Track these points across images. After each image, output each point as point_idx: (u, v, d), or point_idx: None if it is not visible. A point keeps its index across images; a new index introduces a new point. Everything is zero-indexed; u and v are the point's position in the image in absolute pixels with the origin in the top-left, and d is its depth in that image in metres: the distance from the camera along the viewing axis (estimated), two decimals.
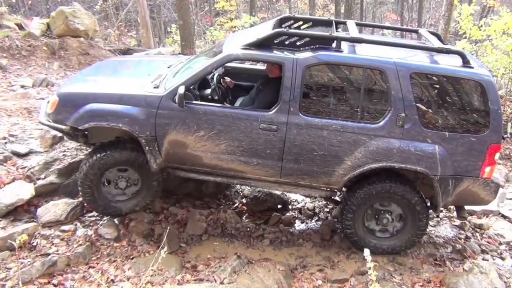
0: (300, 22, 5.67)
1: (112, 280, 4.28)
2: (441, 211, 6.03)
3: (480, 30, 9.90)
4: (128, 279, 4.32)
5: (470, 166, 4.59)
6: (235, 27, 15.72)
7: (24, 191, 5.10)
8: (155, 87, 4.82)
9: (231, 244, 5.14)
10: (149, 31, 12.36)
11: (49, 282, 4.15)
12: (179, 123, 4.64)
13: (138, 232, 5.04)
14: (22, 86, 8.51)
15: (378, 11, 25.72)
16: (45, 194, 5.31)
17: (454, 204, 5.02)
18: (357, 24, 5.56)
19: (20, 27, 10.88)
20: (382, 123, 4.52)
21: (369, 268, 2.91)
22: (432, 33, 5.48)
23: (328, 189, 4.90)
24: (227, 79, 5.63)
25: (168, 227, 4.88)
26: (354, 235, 4.92)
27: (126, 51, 11.87)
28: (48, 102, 5.13)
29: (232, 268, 4.47)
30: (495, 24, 9.21)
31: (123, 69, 5.93)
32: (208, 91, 5.23)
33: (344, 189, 5.08)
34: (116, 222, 5.11)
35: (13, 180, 5.33)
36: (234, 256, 4.67)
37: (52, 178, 5.42)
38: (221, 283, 4.29)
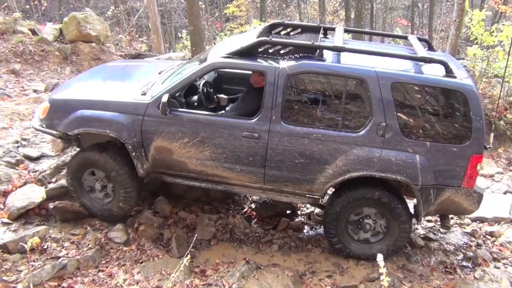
0: (290, 29, 5.69)
1: (121, 284, 4.30)
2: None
3: (491, 35, 9.81)
4: (137, 283, 4.34)
5: (452, 176, 4.55)
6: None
7: (35, 194, 5.16)
8: (142, 94, 4.92)
9: (240, 249, 5.14)
10: (159, 37, 12.45)
11: (59, 285, 4.19)
12: (164, 130, 4.74)
13: (148, 236, 5.07)
14: (35, 91, 8.61)
15: (388, 17, 25.63)
16: (56, 197, 5.35)
17: (438, 213, 5.01)
18: (346, 31, 5.57)
19: (33, 32, 11.01)
20: (363, 132, 4.52)
21: (381, 274, 2.88)
22: (421, 39, 5.45)
23: (311, 196, 4.92)
24: (221, 96, 5.61)
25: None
26: (337, 242, 4.92)
27: (137, 56, 11.96)
28: (41, 108, 5.27)
29: (241, 273, 4.46)
30: (507, 29, 9.12)
31: (115, 75, 6.07)
32: (195, 98, 5.30)
33: (328, 194, 5.07)
34: (126, 225, 5.14)
35: (25, 183, 5.39)
36: (242, 261, 4.67)
37: (63, 182, 5.45)
38: None
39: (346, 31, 5.55)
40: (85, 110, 4.88)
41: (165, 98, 4.56)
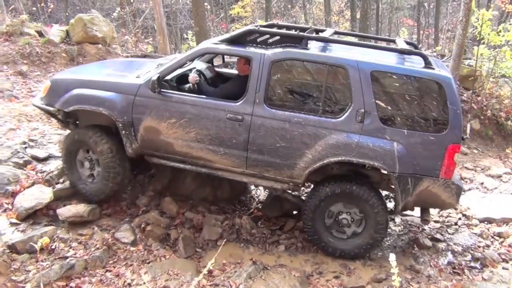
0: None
1: (129, 284, 4.31)
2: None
3: (498, 35, 9.77)
4: (144, 283, 4.34)
5: (430, 165, 4.61)
6: None
7: (43, 195, 5.18)
8: (137, 77, 5.19)
9: (247, 249, 5.14)
10: (165, 38, 12.46)
11: (67, 285, 4.20)
12: (153, 109, 4.95)
13: (154, 237, 5.08)
14: None
15: (394, 17, 25.55)
16: (63, 198, 5.38)
17: (416, 205, 5.02)
18: (336, 33, 5.89)
19: (40, 34, 11.08)
20: (342, 118, 4.65)
21: (391, 274, 2.87)
22: (408, 43, 5.67)
23: (292, 183, 5.00)
24: (192, 75, 5.53)
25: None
26: (314, 234, 4.99)
27: (143, 57, 12.01)
28: (42, 87, 5.62)
29: (248, 273, 4.46)
30: None
31: (115, 65, 6.48)
32: (187, 85, 5.47)
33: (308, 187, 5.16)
34: (133, 226, 5.15)
35: (33, 184, 5.42)
36: (249, 262, 4.67)
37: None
38: None
39: (336, 33, 5.89)
40: (81, 89, 5.16)
41: (155, 77, 4.83)
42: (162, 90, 4.92)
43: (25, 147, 6.13)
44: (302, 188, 5.82)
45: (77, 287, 4.20)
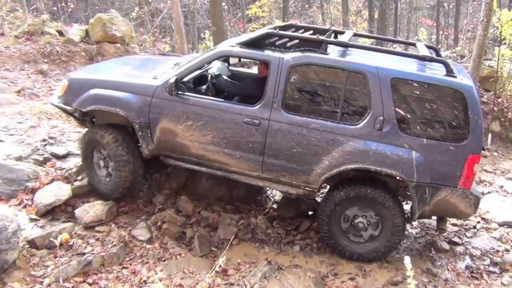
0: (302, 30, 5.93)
1: (145, 281, 4.35)
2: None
3: None
4: (160, 280, 4.38)
5: (448, 175, 4.53)
6: None
7: (62, 191, 5.26)
8: (154, 78, 5.16)
9: (262, 249, 5.14)
10: (183, 37, 12.53)
11: (84, 281, 4.25)
12: (170, 112, 4.95)
13: (170, 235, 5.12)
14: None
15: (413, 17, 25.27)
16: (81, 195, 5.46)
17: (433, 214, 4.95)
18: (355, 35, 5.81)
19: (60, 33, 11.25)
20: (360, 125, 4.59)
21: (407, 277, 2.84)
22: (429, 47, 5.55)
23: (307, 189, 4.97)
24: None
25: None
26: (330, 238, 4.96)
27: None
28: (60, 86, 5.69)
29: (263, 273, 4.46)
30: None
31: (133, 63, 6.47)
32: (204, 87, 5.49)
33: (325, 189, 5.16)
34: (149, 223, 5.20)
35: (52, 180, 5.50)
36: (264, 262, 4.67)
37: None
38: None
39: (355, 35, 5.82)
40: (99, 89, 5.18)
41: (172, 79, 4.84)
42: (179, 92, 4.92)
43: (45, 145, 6.23)
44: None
45: (94, 283, 4.25)
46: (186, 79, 5.24)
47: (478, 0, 20.55)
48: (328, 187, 5.38)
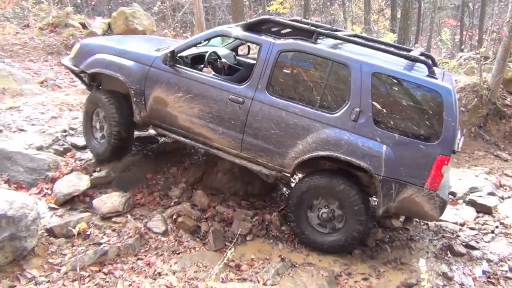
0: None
1: (159, 273, 4.40)
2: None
3: None
4: (174, 273, 4.43)
5: (416, 173, 4.52)
6: None
7: (80, 182, 5.36)
8: (156, 50, 5.51)
9: (275, 246, 5.14)
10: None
11: (100, 271, 4.32)
12: (164, 82, 5.24)
13: (185, 228, 5.16)
14: None
15: (436, 17, 24.84)
16: (99, 186, 5.55)
17: (398, 212, 4.93)
18: (355, 36, 5.84)
19: (84, 26, 11.44)
20: (337, 114, 4.69)
21: (421, 280, 2.82)
22: (425, 54, 5.57)
23: (281, 172, 5.08)
24: (207, 69, 5.81)
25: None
26: (296, 224, 5.07)
27: None
28: (73, 48, 6.14)
29: (276, 270, 4.48)
30: None
31: (143, 39, 7.18)
32: (201, 66, 5.71)
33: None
34: (165, 216, 5.25)
35: (71, 171, 5.61)
36: (278, 258, 4.68)
37: (107, 171, 5.67)
38: (264, 284, 4.31)
39: (355, 36, 5.84)
40: (104, 54, 5.56)
41: (169, 50, 5.16)
42: (175, 64, 5.19)
43: (66, 135, 6.35)
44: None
45: (109, 272, 4.32)
46: (185, 54, 5.54)
47: (505, 1, 20.09)
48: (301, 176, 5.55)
